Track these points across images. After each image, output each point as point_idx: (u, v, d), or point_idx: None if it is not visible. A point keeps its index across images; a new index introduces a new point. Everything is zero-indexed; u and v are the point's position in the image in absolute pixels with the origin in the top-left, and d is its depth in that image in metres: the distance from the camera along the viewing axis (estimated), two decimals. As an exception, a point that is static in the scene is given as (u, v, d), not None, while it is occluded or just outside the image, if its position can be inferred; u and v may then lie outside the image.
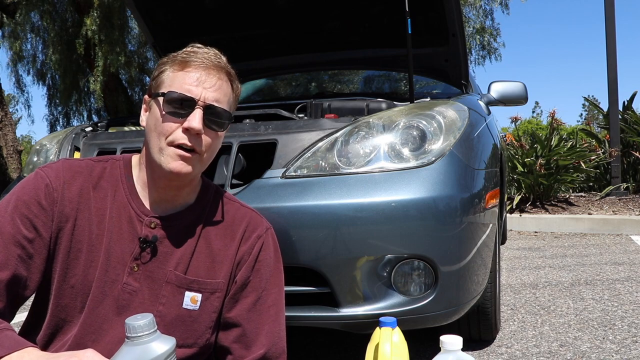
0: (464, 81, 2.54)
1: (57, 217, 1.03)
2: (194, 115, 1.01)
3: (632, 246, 4.28)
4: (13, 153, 8.83)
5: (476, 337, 1.96)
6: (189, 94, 1.02)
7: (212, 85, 1.04)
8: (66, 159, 1.12)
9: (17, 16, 9.64)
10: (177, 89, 1.02)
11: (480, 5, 12.55)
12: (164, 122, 1.02)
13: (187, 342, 1.08)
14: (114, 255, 1.04)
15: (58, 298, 1.03)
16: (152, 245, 1.06)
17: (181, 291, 1.08)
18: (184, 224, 1.10)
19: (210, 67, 1.04)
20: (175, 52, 1.08)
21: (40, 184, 1.04)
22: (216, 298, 1.11)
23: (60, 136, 2.02)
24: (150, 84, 1.08)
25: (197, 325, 1.09)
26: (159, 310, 1.06)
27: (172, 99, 1.01)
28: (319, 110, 1.89)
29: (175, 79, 1.03)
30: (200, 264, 1.10)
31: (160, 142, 1.02)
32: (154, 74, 1.08)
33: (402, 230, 1.43)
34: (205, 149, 1.05)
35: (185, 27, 2.64)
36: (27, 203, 1.01)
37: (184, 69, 1.04)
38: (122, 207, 1.07)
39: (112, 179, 1.09)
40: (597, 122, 9.11)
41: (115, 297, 1.04)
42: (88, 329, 1.02)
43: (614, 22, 6.21)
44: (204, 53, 1.05)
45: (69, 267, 1.03)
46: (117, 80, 11.19)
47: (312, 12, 2.54)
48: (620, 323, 2.24)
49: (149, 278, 1.06)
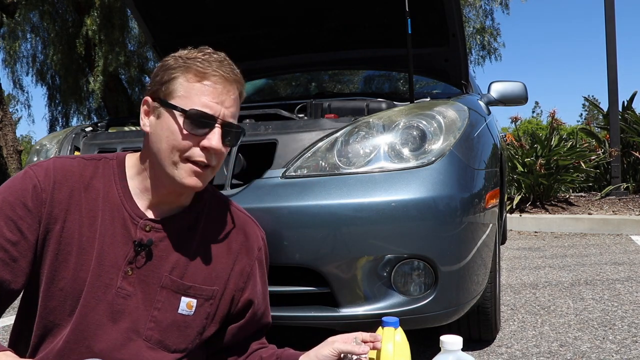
0: (464, 81, 2.54)
1: (45, 218, 1.00)
2: (214, 134, 0.99)
3: (632, 246, 4.28)
4: (13, 153, 8.83)
5: (476, 337, 1.96)
6: (209, 112, 0.99)
7: (231, 104, 1.02)
8: (57, 157, 1.09)
9: (16, 16, 9.64)
10: (197, 104, 0.99)
11: (480, 5, 12.56)
12: (182, 138, 0.99)
13: (179, 347, 1.07)
14: (107, 259, 1.02)
15: (46, 300, 1.01)
16: (147, 249, 1.04)
17: (177, 296, 1.06)
18: (179, 227, 1.09)
19: (227, 81, 1.02)
20: (181, 53, 1.04)
21: (27, 184, 1.00)
22: (210, 305, 1.10)
23: (60, 136, 2.02)
24: (158, 88, 1.03)
25: (190, 330, 1.08)
26: (154, 315, 1.04)
27: (193, 116, 0.99)
28: (319, 110, 1.89)
29: (192, 92, 1.00)
30: (197, 270, 1.09)
31: (173, 156, 1.00)
32: (163, 78, 1.02)
33: (402, 230, 1.43)
34: (218, 162, 1.05)
35: (185, 27, 2.64)
36: (12, 204, 0.98)
37: (201, 81, 1.00)
38: (115, 209, 1.05)
39: (104, 178, 1.07)
40: (597, 122, 9.11)
41: (109, 302, 1.02)
42: (81, 334, 1.00)
43: (614, 22, 6.21)
44: (220, 64, 1.02)
45: (58, 270, 1.00)
46: (117, 80, 11.19)
47: (312, 12, 2.54)
48: (620, 323, 2.24)
49: (144, 282, 1.04)
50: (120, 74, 11.22)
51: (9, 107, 10.20)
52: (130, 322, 1.03)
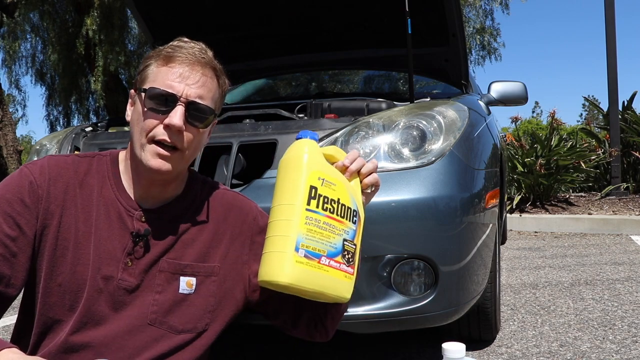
0: (464, 81, 2.54)
1: (42, 214, 1.02)
2: (175, 111, 1.00)
3: (632, 246, 4.28)
4: (13, 153, 8.83)
5: (476, 337, 1.96)
6: (170, 90, 1.01)
7: (196, 82, 1.03)
8: (52, 155, 1.10)
9: (16, 16, 9.64)
10: (160, 84, 1.01)
11: (480, 5, 12.56)
12: (146, 118, 1.01)
13: (186, 327, 1.08)
14: (106, 252, 1.04)
15: (45, 296, 1.02)
16: (145, 238, 1.06)
17: (176, 277, 1.08)
18: (174, 214, 1.10)
19: (194, 62, 1.03)
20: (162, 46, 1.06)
21: (24, 181, 1.03)
22: (212, 282, 1.11)
23: (60, 136, 2.02)
24: (137, 79, 1.07)
25: (194, 309, 1.09)
26: (156, 298, 1.05)
27: (154, 95, 1.01)
28: (319, 110, 1.89)
29: (159, 75, 1.02)
30: (193, 250, 1.10)
31: (141, 138, 1.02)
32: (140, 68, 1.07)
33: (402, 230, 1.43)
34: (187, 145, 1.04)
35: (185, 27, 2.64)
36: (10, 201, 1.00)
37: (168, 64, 1.03)
38: (110, 204, 1.06)
39: (98, 175, 1.09)
40: (597, 122, 9.11)
41: (111, 293, 1.03)
42: (85, 327, 1.02)
43: (614, 23, 6.21)
44: (189, 48, 1.04)
45: (56, 265, 1.02)
46: (117, 80, 11.20)
47: (312, 12, 2.54)
48: (620, 323, 2.24)
49: (144, 271, 1.05)
50: (120, 73, 11.23)
51: (9, 107, 10.19)
52: (133, 310, 1.04)
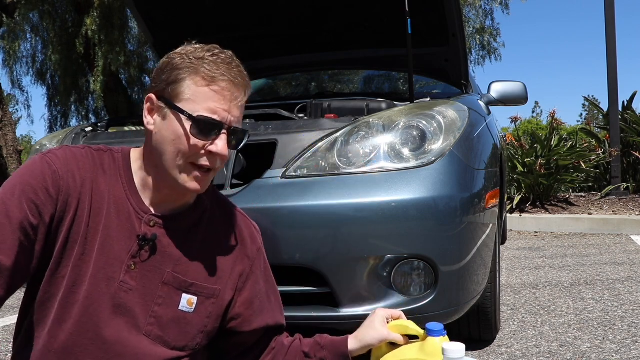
0: (464, 81, 2.54)
1: (60, 205, 1.00)
2: (221, 140, 0.99)
3: (632, 246, 4.28)
4: (13, 153, 8.82)
5: (476, 337, 1.96)
6: (217, 118, 0.99)
7: (237, 108, 1.02)
8: (67, 146, 1.07)
9: (16, 16, 9.63)
10: (203, 109, 0.98)
11: (480, 5, 12.57)
12: (188, 142, 0.99)
13: (179, 344, 1.08)
14: (111, 252, 1.03)
15: (48, 285, 1.01)
16: (151, 243, 1.05)
17: (179, 293, 1.07)
18: (183, 225, 1.10)
19: (237, 86, 1.01)
20: (188, 50, 1.02)
21: (47, 170, 1.00)
22: (211, 304, 1.11)
23: (60, 136, 2.02)
24: (164, 88, 1.01)
25: (190, 328, 1.09)
26: (155, 310, 1.05)
27: (200, 122, 0.98)
28: (319, 110, 1.89)
29: (199, 96, 0.99)
30: (199, 268, 1.10)
31: (178, 160, 1.00)
32: (170, 78, 1.01)
33: (402, 230, 1.43)
34: (221, 165, 1.05)
35: (185, 27, 2.64)
36: (35, 188, 0.98)
37: (209, 86, 0.99)
38: (121, 203, 1.05)
39: (110, 171, 1.07)
40: (597, 122, 9.11)
41: (112, 295, 1.02)
42: (84, 327, 1.01)
43: (614, 23, 6.21)
44: (228, 67, 1.01)
45: (63, 258, 1.01)
46: (117, 80, 11.19)
47: (312, 12, 2.54)
48: (620, 323, 2.24)
49: (146, 277, 1.05)
50: (120, 73, 11.23)
51: (9, 107, 10.19)
52: (131, 316, 1.03)
